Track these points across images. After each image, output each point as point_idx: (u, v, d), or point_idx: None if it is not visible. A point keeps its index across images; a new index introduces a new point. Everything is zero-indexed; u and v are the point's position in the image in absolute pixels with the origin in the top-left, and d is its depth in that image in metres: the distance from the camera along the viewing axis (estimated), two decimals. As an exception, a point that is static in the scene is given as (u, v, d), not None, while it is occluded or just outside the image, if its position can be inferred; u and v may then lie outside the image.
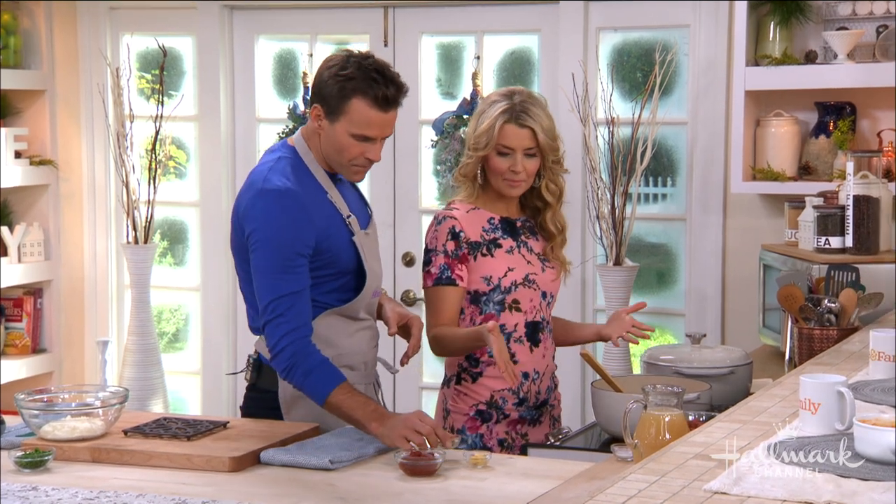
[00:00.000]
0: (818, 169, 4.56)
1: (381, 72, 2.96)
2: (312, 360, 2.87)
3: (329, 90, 2.95)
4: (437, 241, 3.24)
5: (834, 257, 3.92)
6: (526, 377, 3.29)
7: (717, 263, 4.82)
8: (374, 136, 2.97)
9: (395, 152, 5.27)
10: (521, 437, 3.29)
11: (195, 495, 2.48)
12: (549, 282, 3.34)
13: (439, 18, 5.21)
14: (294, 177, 2.97)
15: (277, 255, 2.89)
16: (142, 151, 5.44)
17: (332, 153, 3.01)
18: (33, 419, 2.83)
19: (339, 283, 3.05)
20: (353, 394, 2.86)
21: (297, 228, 2.90)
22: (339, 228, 3.02)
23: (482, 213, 3.29)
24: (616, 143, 4.66)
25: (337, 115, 2.95)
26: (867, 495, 1.81)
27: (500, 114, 3.21)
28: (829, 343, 3.36)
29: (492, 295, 3.26)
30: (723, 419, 2.38)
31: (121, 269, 5.62)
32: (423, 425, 2.74)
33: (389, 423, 2.78)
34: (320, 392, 2.86)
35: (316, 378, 2.86)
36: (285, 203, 2.91)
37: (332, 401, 2.85)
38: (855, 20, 4.53)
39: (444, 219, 3.26)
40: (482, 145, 3.23)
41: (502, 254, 3.27)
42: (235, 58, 5.47)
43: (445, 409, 3.31)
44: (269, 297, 2.89)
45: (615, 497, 1.84)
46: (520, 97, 3.24)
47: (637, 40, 4.98)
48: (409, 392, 5.27)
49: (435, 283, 3.23)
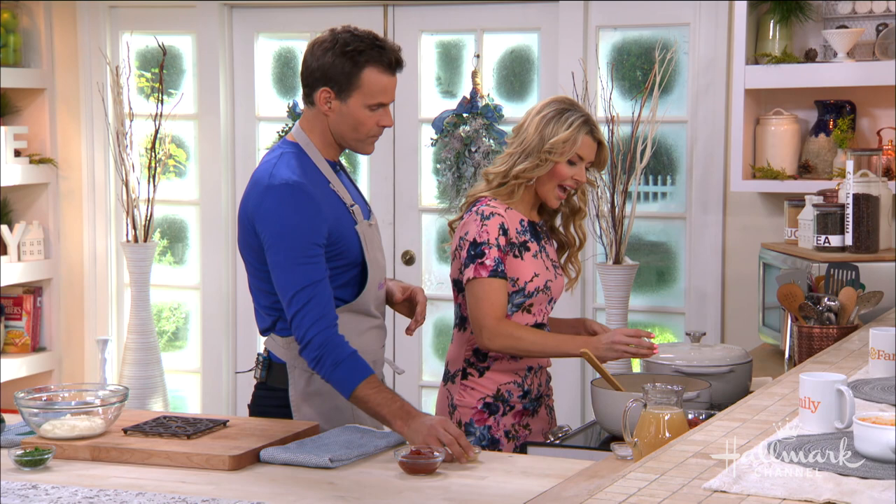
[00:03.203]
0: (818, 167, 4.56)
1: (377, 39, 3.04)
2: (341, 351, 2.88)
3: (337, 69, 2.97)
4: (490, 234, 3.23)
5: (834, 256, 3.92)
6: (530, 370, 3.34)
7: (717, 262, 4.82)
8: (387, 102, 3.02)
9: (395, 151, 5.27)
10: (525, 427, 3.34)
11: (195, 494, 2.48)
12: (558, 288, 3.39)
13: (439, 17, 5.21)
14: (300, 169, 2.97)
15: (294, 248, 2.89)
16: (141, 150, 5.44)
17: (348, 131, 3.02)
18: (33, 418, 2.83)
19: (348, 277, 3.05)
20: (380, 388, 2.87)
21: (310, 219, 2.91)
22: (345, 218, 3.02)
23: (516, 214, 3.31)
24: (616, 142, 4.67)
25: (350, 91, 2.97)
26: (867, 494, 1.81)
27: (582, 124, 3.28)
28: (828, 341, 3.36)
29: (514, 297, 3.27)
30: (722, 418, 2.38)
31: (120, 268, 5.62)
32: (445, 434, 2.73)
33: (415, 425, 2.78)
34: (348, 384, 2.87)
35: (344, 370, 2.86)
36: (296, 195, 2.91)
37: (359, 394, 2.86)
38: (855, 18, 4.53)
39: (492, 215, 3.25)
40: (560, 152, 3.25)
41: (530, 257, 3.30)
42: (235, 56, 5.47)
43: (451, 404, 3.33)
44: (292, 290, 2.89)
45: (615, 495, 1.84)
46: (585, 110, 3.34)
47: (637, 39, 4.98)
48: (409, 390, 5.27)
49: (491, 275, 3.22)
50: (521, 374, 3.33)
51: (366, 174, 5.36)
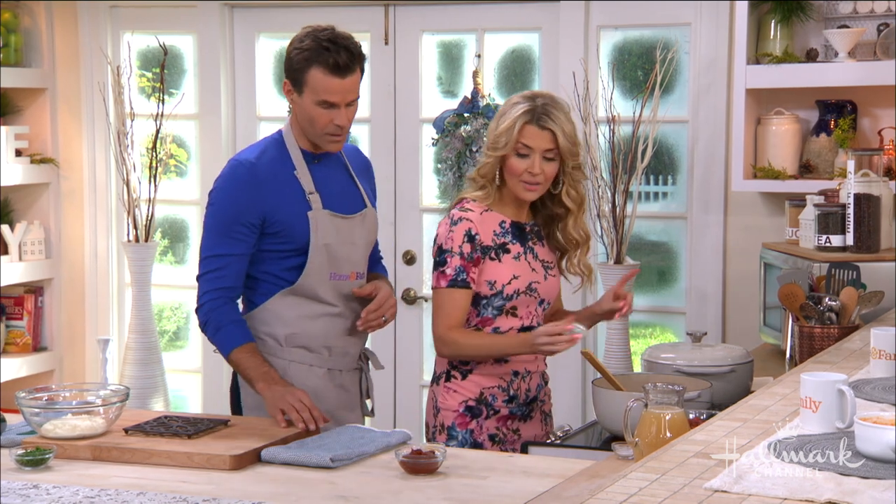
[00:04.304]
0: (819, 167, 4.56)
1: (333, 40, 3.14)
2: (226, 318, 3.14)
3: (291, 64, 3.17)
4: (454, 241, 3.22)
5: (835, 255, 3.92)
6: (516, 375, 3.29)
7: (718, 262, 4.82)
8: (336, 102, 3.13)
9: (396, 151, 5.27)
10: (513, 432, 3.29)
11: (196, 493, 2.48)
12: (549, 289, 3.34)
13: (440, 17, 5.21)
14: (263, 152, 3.20)
15: (222, 219, 3.15)
16: (142, 150, 5.44)
17: (306, 125, 3.19)
18: (34, 417, 2.84)
19: (298, 262, 3.19)
20: (253, 354, 3.10)
21: (243, 199, 3.13)
22: (296, 203, 3.17)
23: (495, 216, 3.27)
24: (617, 142, 4.66)
25: (302, 87, 3.15)
26: (868, 493, 1.81)
27: (522, 114, 3.20)
28: (829, 341, 3.36)
29: (492, 300, 3.25)
30: (723, 417, 2.38)
31: (121, 268, 5.62)
32: (301, 406, 2.93)
33: (275, 389, 3.00)
34: (225, 347, 3.13)
35: (225, 334, 3.12)
36: (239, 173, 3.15)
37: (233, 357, 3.11)
38: (856, 18, 4.53)
39: (460, 220, 3.23)
40: (501, 145, 3.21)
41: (509, 259, 3.25)
42: (236, 56, 5.47)
43: (435, 406, 3.31)
44: (206, 253, 3.17)
45: (616, 495, 1.84)
46: (542, 100, 3.23)
47: (638, 38, 4.98)
48: (409, 390, 5.27)
49: (450, 285, 3.21)
50: (507, 379, 3.28)
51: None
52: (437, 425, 3.29)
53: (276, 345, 3.21)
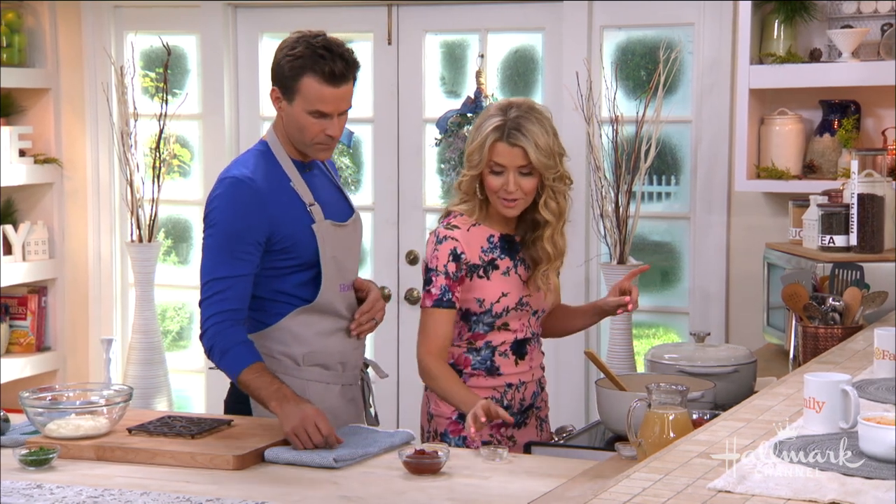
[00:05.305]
0: (822, 167, 4.56)
1: (329, 48, 3.00)
2: (232, 340, 2.95)
3: (281, 71, 3.01)
4: (438, 261, 3.15)
5: (838, 256, 3.92)
6: (510, 386, 3.24)
7: (721, 262, 4.82)
8: (329, 112, 3.00)
9: (399, 151, 5.27)
10: (508, 438, 3.23)
11: (199, 493, 2.48)
12: (541, 300, 3.27)
13: (443, 17, 5.21)
14: (256, 167, 3.04)
15: (225, 241, 2.99)
16: (146, 150, 5.44)
17: (295, 133, 3.06)
18: (38, 417, 2.84)
19: (307, 277, 3.07)
20: (262, 374, 2.92)
21: (248, 217, 2.98)
22: (299, 216, 3.05)
23: (483, 231, 3.20)
24: (620, 142, 4.66)
25: (293, 95, 3.01)
26: (871, 494, 1.81)
27: (492, 131, 3.09)
28: (833, 341, 3.36)
29: (482, 317, 3.19)
30: (727, 418, 2.38)
31: (125, 268, 5.62)
32: (314, 430, 2.77)
33: (288, 408, 2.82)
34: (233, 371, 2.94)
35: (231, 357, 2.94)
36: (239, 191, 2.99)
37: (242, 379, 2.92)
38: (859, 18, 4.52)
39: (444, 239, 3.16)
40: (475, 163, 3.14)
41: (498, 276, 3.18)
42: (239, 56, 5.47)
43: (429, 412, 3.27)
44: (208, 276, 3.01)
45: (619, 495, 1.84)
46: (516, 111, 3.10)
47: (641, 39, 4.98)
48: (411, 394, 5.27)
49: (434, 305, 3.15)
50: (500, 390, 3.22)
51: (370, 174, 5.36)
52: (430, 431, 3.26)
53: (293, 364, 3.09)
